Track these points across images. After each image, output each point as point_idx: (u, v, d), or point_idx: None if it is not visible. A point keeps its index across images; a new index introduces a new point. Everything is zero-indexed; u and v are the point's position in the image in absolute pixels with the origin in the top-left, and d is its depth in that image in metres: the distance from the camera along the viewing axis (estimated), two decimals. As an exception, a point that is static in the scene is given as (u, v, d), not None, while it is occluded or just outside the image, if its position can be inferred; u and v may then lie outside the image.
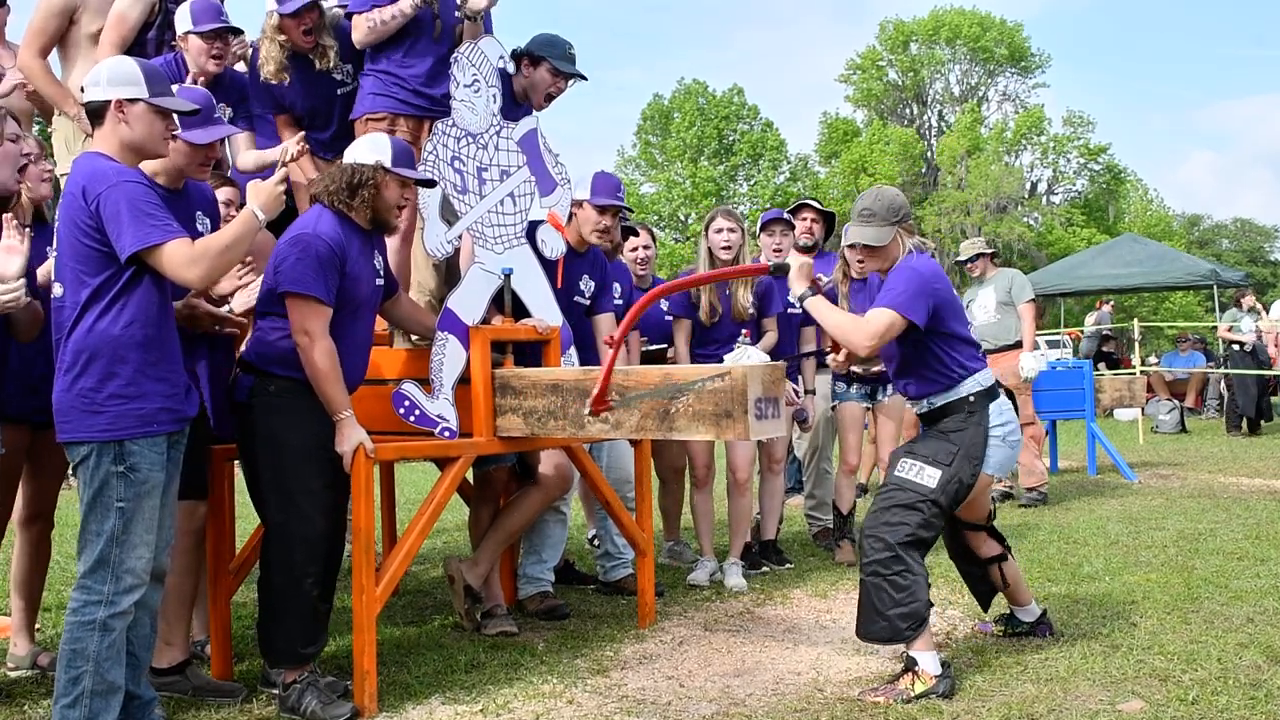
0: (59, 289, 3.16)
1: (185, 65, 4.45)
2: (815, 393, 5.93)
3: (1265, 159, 76.06)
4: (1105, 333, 18.05)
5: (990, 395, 3.86)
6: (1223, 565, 5.42)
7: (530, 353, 4.39)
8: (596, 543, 5.87)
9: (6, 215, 3.28)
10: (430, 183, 4.11)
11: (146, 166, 3.42)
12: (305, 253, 3.54)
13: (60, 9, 4.70)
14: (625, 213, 5.25)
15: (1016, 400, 7.55)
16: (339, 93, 4.66)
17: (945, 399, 3.86)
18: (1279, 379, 13.89)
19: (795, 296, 3.91)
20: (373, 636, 3.66)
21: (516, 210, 4.45)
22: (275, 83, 4.52)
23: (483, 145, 4.38)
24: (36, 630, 4.30)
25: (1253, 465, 9.96)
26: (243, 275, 3.83)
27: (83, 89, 3.29)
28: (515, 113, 4.56)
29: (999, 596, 4.29)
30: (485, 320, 4.28)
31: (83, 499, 3.13)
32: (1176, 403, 14.45)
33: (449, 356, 4.11)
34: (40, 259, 3.66)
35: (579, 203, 4.86)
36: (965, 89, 41.09)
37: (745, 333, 5.32)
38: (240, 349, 4.02)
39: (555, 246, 4.59)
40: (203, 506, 3.90)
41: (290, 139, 4.39)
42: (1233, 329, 13.67)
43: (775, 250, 5.77)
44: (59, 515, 4.38)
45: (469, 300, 4.23)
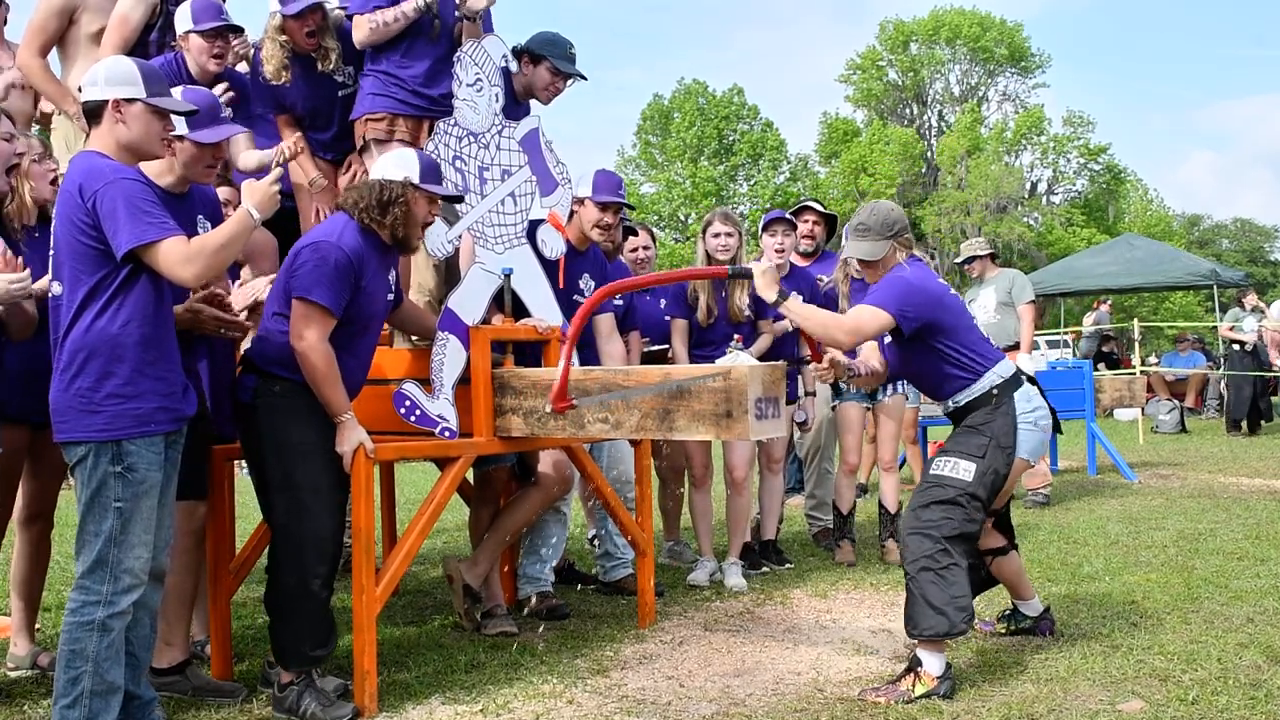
0: (57, 288, 3.15)
1: (185, 65, 4.43)
2: (815, 395, 5.93)
3: (1265, 159, 76.16)
4: (1106, 333, 18.03)
5: (1014, 383, 3.90)
6: (1223, 565, 5.42)
7: (530, 353, 4.39)
8: (596, 543, 5.87)
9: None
10: (458, 199, 4.09)
11: (150, 170, 3.42)
12: (324, 260, 3.52)
13: (60, 9, 4.69)
14: (626, 211, 5.25)
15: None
16: (340, 94, 4.66)
17: (969, 395, 3.90)
18: (1279, 379, 13.86)
19: (770, 302, 3.92)
20: (373, 636, 3.65)
21: (517, 210, 4.45)
22: (277, 83, 4.52)
23: (484, 145, 4.37)
24: (36, 630, 4.30)
25: (1253, 465, 9.96)
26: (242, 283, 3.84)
27: (80, 89, 3.28)
28: (517, 112, 4.57)
29: (997, 594, 4.28)
30: (485, 320, 4.27)
31: (80, 499, 3.12)
32: (1176, 403, 14.44)
33: (449, 356, 4.10)
34: (45, 259, 3.65)
35: (580, 200, 4.86)
36: (965, 89, 41.11)
37: (737, 337, 5.33)
38: (241, 348, 4.02)
39: (556, 247, 4.59)
40: (202, 506, 3.90)
41: (289, 138, 4.39)
42: (1234, 328, 13.66)
43: (777, 250, 5.77)
44: (59, 515, 4.37)
45: (469, 300, 4.23)
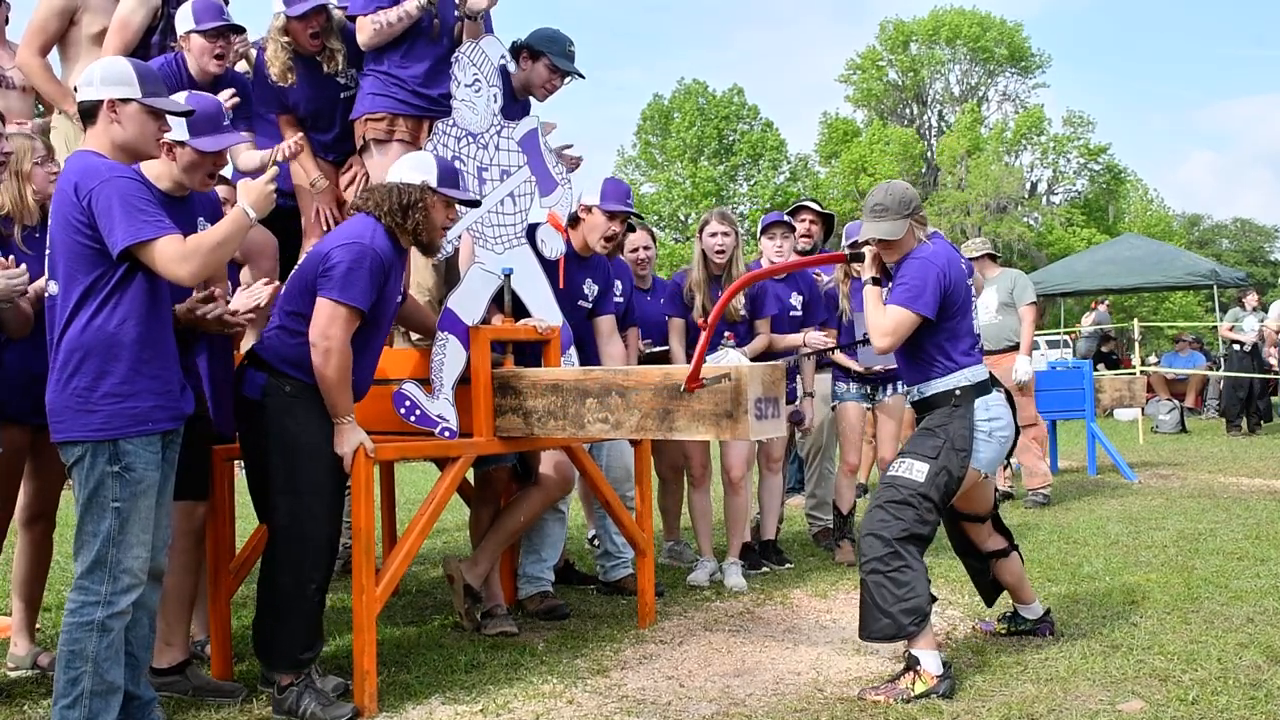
0: (53, 287, 3.15)
1: (185, 65, 4.42)
2: (815, 395, 5.93)
3: (1265, 159, 76.08)
4: (1106, 333, 18.02)
5: (979, 390, 3.87)
6: (1223, 565, 5.42)
7: (530, 353, 4.39)
8: (596, 543, 5.87)
9: None
10: (475, 203, 4.09)
11: (150, 173, 3.42)
12: (360, 262, 3.50)
13: (61, 9, 4.69)
14: (633, 219, 5.26)
15: (1016, 402, 7.54)
16: (342, 96, 4.65)
17: (934, 389, 3.89)
18: (1279, 379, 13.85)
19: (867, 280, 3.97)
20: (373, 636, 3.65)
21: (516, 210, 4.45)
22: (283, 84, 4.51)
23: (483, 145, 4.38)
24: (36, 630, 4.29)
25: (1253, 465, 9.96)
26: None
27: (75, 88, 3.28)
28: (515, 111, 4.56)
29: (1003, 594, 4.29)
30: (485, 320, 4.28)
31: (78, 499, 3.12)
32: (1176, 403, 14.44)
33: (449, 356, 4.10)
34: (44, 259, 3.65)
35: (588, 208, 4.85)
36: (965, 89, 41.08)
37: (729, 335, 5.33)
38: (240, 346, 4.02)
39: (555, 247, 4.59)
40: (202, 507, 3.89)
41: (291, 138, 4.38)
42: (1234, 328, 13.66)
43: (776, 253, 5.77)
44: (60, 515, 4.37)
45: (469, 300, 4.23)
